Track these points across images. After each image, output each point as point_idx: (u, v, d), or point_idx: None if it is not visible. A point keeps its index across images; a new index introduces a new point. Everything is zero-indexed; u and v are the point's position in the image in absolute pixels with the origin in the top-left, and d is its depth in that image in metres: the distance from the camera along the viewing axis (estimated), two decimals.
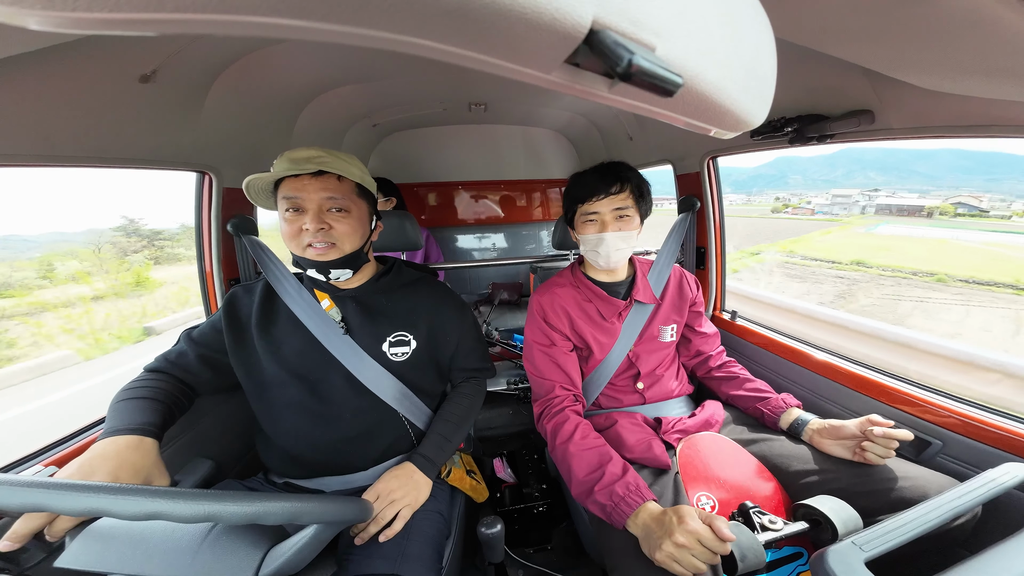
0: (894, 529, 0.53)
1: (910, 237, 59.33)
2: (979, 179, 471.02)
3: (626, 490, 0.74)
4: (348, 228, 0.81)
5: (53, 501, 0.45)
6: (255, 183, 0.80)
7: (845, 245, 39.23)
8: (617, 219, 0.96)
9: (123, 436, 0.66)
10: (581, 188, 0.97)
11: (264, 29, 0.15)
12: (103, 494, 0.45)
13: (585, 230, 0.98)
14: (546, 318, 1.03)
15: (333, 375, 0.87)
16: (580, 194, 0.97)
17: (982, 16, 0.48)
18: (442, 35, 0.16)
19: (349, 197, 0.81)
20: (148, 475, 0.65)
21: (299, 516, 0.51)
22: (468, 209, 2.88)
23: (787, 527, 0.70)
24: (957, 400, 0.89)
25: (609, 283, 1.08)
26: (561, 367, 1.00)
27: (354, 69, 1.36)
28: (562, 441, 0.87)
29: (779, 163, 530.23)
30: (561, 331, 1.03)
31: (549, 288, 1.08)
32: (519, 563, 1.31)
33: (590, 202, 0.96)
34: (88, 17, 0.14)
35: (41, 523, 0.53)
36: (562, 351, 1.01)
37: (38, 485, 0.45)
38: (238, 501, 0.49)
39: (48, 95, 0.72)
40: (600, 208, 0.95)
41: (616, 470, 0.78)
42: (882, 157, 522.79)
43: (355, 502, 0.60)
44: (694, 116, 0.27)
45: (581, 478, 0.80)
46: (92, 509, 0.45)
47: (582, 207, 0.98)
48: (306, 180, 0.77)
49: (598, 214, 0.96)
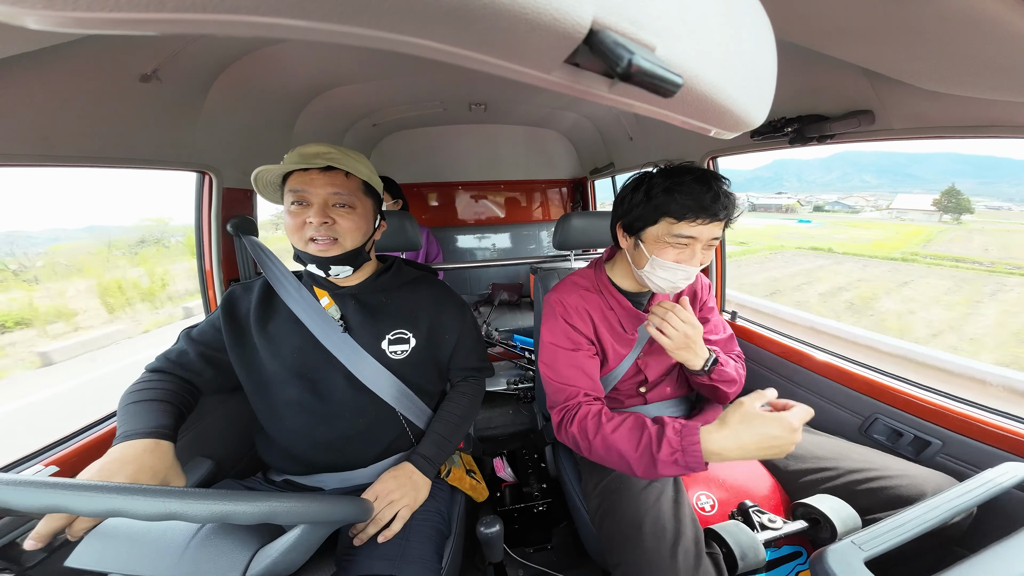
0: (893, 528, 0.53)
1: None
2: (972, 182, 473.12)
3: (676, 431, 0.69)
4: (351, 224, 0.82)
5: (74, 503, 0.45)
6: (264, 175, 0.80)
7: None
8: (708, 247, 0.81)
9: (140, 440, 0.66)
10: (681, 201, 0.76)
11: (264, 29, 0.15)
12: (125, 495, 0.46)
13: (666, 253, 0.80)
14: (569, 320, 0.95)
15: (333, 373, 0.87)
16: (677, 209, 0.76)
17: (982, 16, 0.48)
18: (442, 35, 0.16)
19: (355, 194, 0.82)
20: (165, 477, 0.66)
21: (306, 516, 0.52)
22: (468, 209, 2.88)
23: (786, 526, 0.71)
24: (957, 400, 0.89)
25: (634, 292, 0.99)
26: (587, 373, 0.92)
27: (354, 69, 1.36)
28: (594, 435, 0.79)
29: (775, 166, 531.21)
30: (586, 335, 0.95)
31: (572, 288, 0.99)
32: (519, 563, 1.31)
33: (689, 223, 0.76)
34: (88, 17, 0.14)
35: (63, 523, 0.54)
36: (587, 355, 0.93)
37: (60, 487, 0.46)
38: (251, 501, 0.49)
39: (48, 95, 0.72)
40: (698, 233, 0.77)
41: (654, 425, 0.74)
42: (877, 160, 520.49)
43: (355, 502, 0.60)
44: (694, 116, 0.27)
45: (636, 454, 0.72)
46: (112, 510, 0.45)
47: (674, 224, 0.77)
48: (314, 174, 0.78)
49: (694, 240, 0.78)
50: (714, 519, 0.78)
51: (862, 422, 1.02)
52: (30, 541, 0.53)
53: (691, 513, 0.76)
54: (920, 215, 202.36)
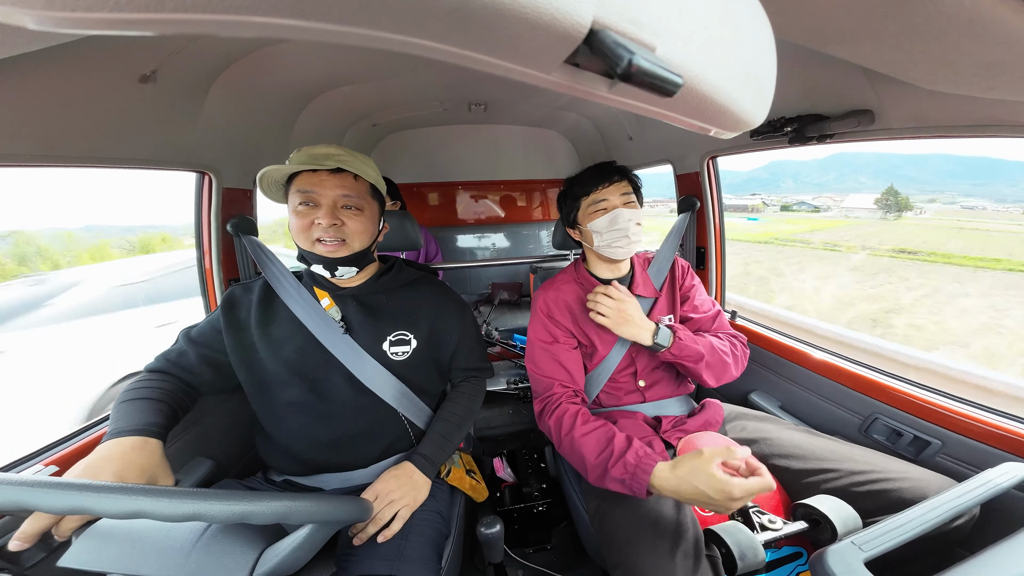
0: (893, 529, 0.53)
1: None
2: (966, 183, 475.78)
3: (637, 457, 0.74)
4: (360, 226, 0.82)
5: (36, 499, 0.44)
6: (270, 174, 0.80)
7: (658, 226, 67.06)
8: (625, 203, 0.97)
9: (128, 437, 0.66)
10: (584, 183, 0.99)
11: (264, 29, 0.15)
12: (87, 492, 0.45)
13: (596, 218, 0.98)
14: (550, 315, 1.03)
15: (334, 374, 0.87)
16: (583, 188, 0.99)
17: (982, 16, 0.48)
18: (442, 35, 0.16)
19: (363, 196, 0.83)
20: (153, 475, 0.65)
21: (291, 515, 0.51)
22: (468, 209, 2.88)
23: (786, 527, 0.71)
24: (957, 400, 0.89)
25: (611, 279, 1.07)
26: (562, 364, 0.99)
27: (354, 69, 1.36)
28: (566, 432, 0.87)
29: (772, 167, 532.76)
30: (565, 327, 1.03)
31: (553, 285, 1.08)
32: (518, 563, 1.31)
33: (597, 191, 0.97)
34: (88, 17, 0.14)
35: (49, 523, 0.53)
36: (564, 348, 1.01)
37: (22, 484, 0.45)
38: (225, 500, 0.48)
39: (48, 95, 0.72)
40: (607, 195, 0.96)
41: (622, 443, 0.78)
42: (873, 161, 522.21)
43: (353, 501, 0.60)
44: (694, 116, 0.27)
45: (593, 461, 0.79)
46: (76, 508, 0.45)
47: (588, 199, 0.99)
48: (324, 176, 0.79)
49: (607, 200, 0.96)
50: (714, 520, 0.78)
51: (862, 422, 1.02)
52: (15, 542, 0.52)
53: (691, 514, 0.76)
54: (864, 212, 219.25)
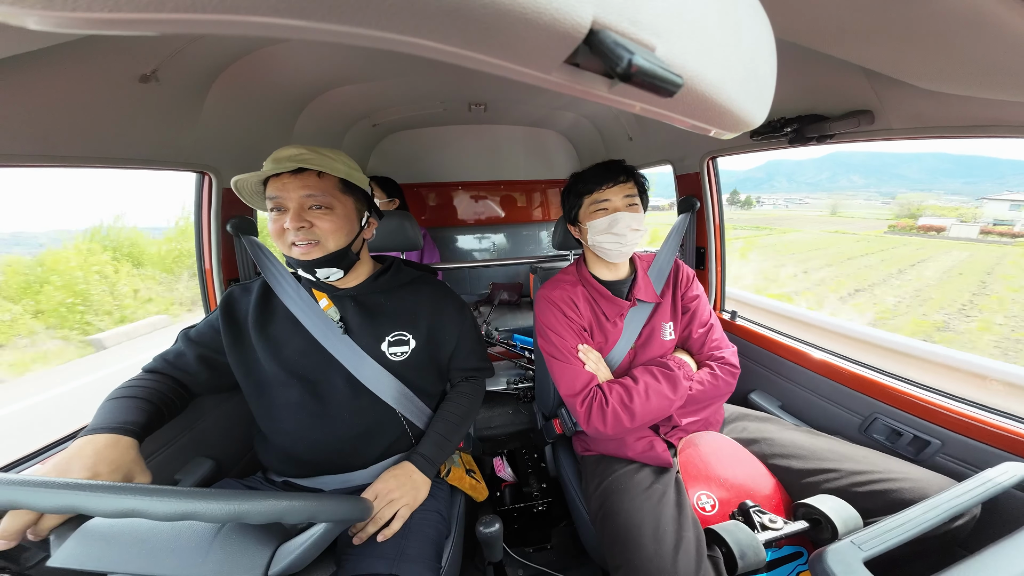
0: (893, 528, 0.53)
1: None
2: (957, 182, 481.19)
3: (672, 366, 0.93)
4: (331, 225, 0.79)
5: (23, 497, 0.44)
6: (244, 184, 0.79)
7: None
8: (628, 206, 0.96)
9: (101, 435, 0.66)
10: (587, 181, 0.98)
11: (264, 29, 0.15)
12: (77, 491, 0.45)
13: (596, 218, 0.97)
14: (564, 312, 1.01)
15: (333, 375, 0.87)
16: (587, 186, 0.97)
17: (982, 16, 0.48)
18: (442, 35, 0.16)
19: (331, 193, 0.79)
20: (128, 472, 0.65)
21: (290, 515, 0.51)
22: (468, 209, 2.88)
23: (787, 526, 0.71)
24: (957, 400, 0.89)
25: (613, 281, 1.06)
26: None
27: (354, 69, 1.36)
28: (631, 400, 0.90)
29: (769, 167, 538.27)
30: (579, 322, 1.02)
31: (557, 284, 1.06)
32: (518, 562, 1.31)
33: (600, 191, 0.96)
34: (88, 17, 0.14)
35: (30, 520, 0.53)
36: (582, 341, 1.00)
37: (11, 483, 0.45)
38: (226, 500, 0.48)
39: (48, 95, 0.72)
40: (611, 196, 0.95)
41: (655, 372, 0.94)
42: (867, 160, 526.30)
43: (353, 501, 0.60)
44: (694, 116, 0.27)
45: (673, 396, 0.91)
46: (66, 506, 0.45)
47: (590, 197, 0.97)
48: (286, 178, 0.76)
49: (609, 201, 0.95)
50: (715, 519, 0.78)
51: (861, 421, 1.02)
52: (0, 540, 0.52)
53: (692, 515, 0.76)
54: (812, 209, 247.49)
